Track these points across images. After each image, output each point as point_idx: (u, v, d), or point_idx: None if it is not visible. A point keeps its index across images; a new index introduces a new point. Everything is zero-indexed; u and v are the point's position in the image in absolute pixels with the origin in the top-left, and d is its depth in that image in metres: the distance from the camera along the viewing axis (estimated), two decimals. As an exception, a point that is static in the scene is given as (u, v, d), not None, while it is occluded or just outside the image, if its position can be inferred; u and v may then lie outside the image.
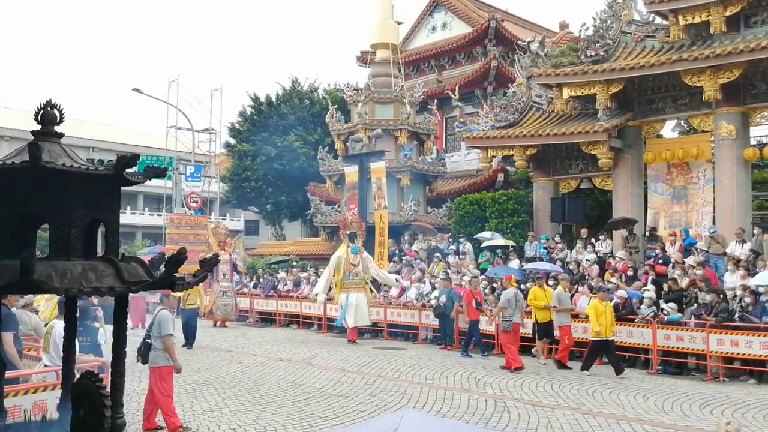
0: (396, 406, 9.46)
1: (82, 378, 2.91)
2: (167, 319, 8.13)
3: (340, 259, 17.01)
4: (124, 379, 3.08)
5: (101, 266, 2.94)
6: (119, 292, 2.90)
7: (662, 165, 18.43)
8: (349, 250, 17.09)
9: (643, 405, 9.57)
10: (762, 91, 16.48)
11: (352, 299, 16.55)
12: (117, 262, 3.00)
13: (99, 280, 2.86)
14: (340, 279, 16.90)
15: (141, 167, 3.50)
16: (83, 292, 2.79)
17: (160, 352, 7.99)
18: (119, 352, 3.11)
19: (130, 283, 2.96)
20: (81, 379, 2.92)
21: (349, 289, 16.73)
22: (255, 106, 36.00)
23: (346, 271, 16.87)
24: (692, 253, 15.43)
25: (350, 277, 16.88)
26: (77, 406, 2.95)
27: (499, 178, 25.65)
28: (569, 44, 21.99)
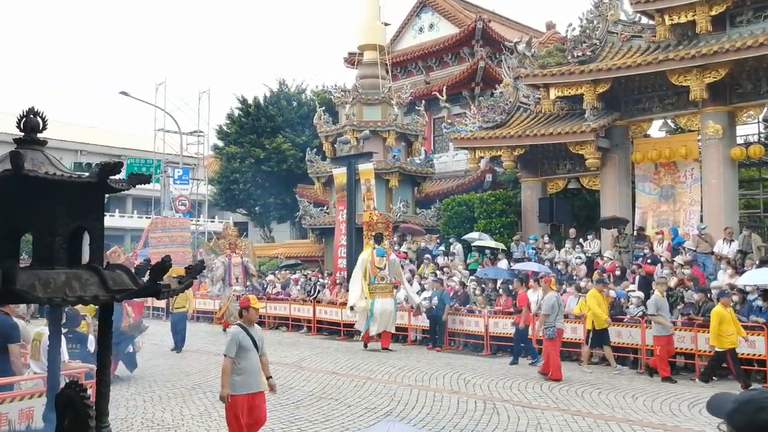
0: (386, 408, 9.45)
1: (66, 388, 2.87)
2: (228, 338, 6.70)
3: (366, 262, 16.09)
4: (110, 387, 3.04)
5: (85, 275, 2.90)
6: (104, 300, 2.87)
7: (650, 164, 18.52)
8: (374, 252, 16.13)
9: (632, 405, 9.60)
10: (748, 91, 16.59)
11: (378, 305, 15.62)
12: (101, 271, 2.96)
13: (83, 288, 2.82)
14: (366, 283, 15.98)
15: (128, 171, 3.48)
16: (67, 302, 2.76)
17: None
18: (104, 361, 3.07)
19: (114, 292, 2.92)
20: (65, 389, 2.88)
21: (375, 294, 15.77)
22: (243, 109, 35.92)
23: (372, 275, 15.94)
24: (680, 252, 15.51)
25: (376, 281, 15.95)
26: (62, 416, 2.91)
27: (487, 179, 25.69)
28: (556, 44, 22.05)
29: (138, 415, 9.10)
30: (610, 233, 18.01)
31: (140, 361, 12.32)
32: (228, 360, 6.46)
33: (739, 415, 1.96)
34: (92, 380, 6.85)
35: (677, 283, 13.74)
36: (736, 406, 1.99)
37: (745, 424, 1.94)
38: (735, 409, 1.98)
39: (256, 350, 6.59)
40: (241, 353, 6.47)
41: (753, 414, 1.92)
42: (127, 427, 8.31)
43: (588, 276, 15.74)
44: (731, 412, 1.99)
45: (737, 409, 1.97)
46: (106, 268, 3.02)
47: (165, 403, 9.83)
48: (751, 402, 1.96)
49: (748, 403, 1.96)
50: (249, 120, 35.08)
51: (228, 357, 6.46)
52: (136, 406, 9.68)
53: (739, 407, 1.98)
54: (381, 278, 15.96)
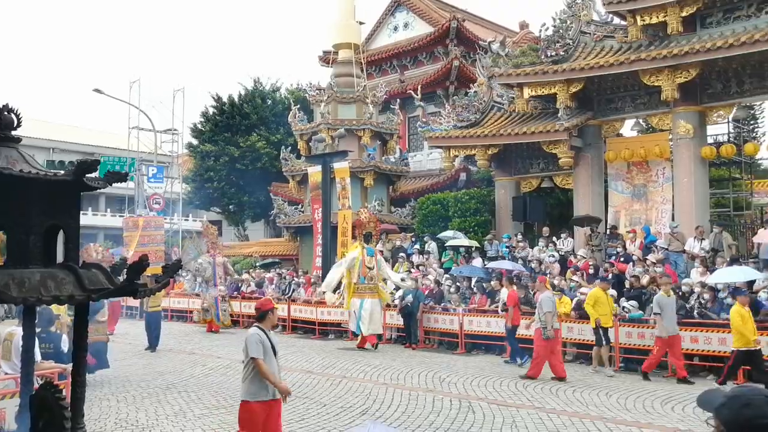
0: (361, 407, 9.44)
1: (41, 389, 2.83)
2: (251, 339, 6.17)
3: (356, 261, 15.78)
4: (85, 388, 3.00)
5: (61, 274, 2.86)
6: (79, 300, 2.83)
7: (622, 163, 18.75)
8: (365, 251, 15.86)
9: (606, 403, 9.72)
10: (718, 91, 16.88)
11: (367, 306, 15.49)
12: (77, 270, 2.92)
13: (58, 288, 2.78)
14: (354, 283, 15.77)
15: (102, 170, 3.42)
16: (42, 301, 2.71)
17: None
18: (80, 361, 3.03)
19: (90, 291, 2.88)
20: (40, 390, 2.83)
21: (363, 294, 15.65)
22: (217, 107, 35.64)
23: (362, 275, 15.68)
24: (652, 250, 15.73)
25: (365, 281, 15.74)
26: (36, 418, 2.87)
27: (462, 178, 25.81)
28: (530, 44, 22.23)
29: (111, 415, 8.97)
30: (583, 232, 18.21)
31: (114, 361, 12.16)
32: (261, 361, 5.99)
33: (726, 410, 2.01)
34: (66, 381, 6.75)
35: (649, 281, 13.92)
36: (724, 401, 2.03)
37: (731, 418, 1.98)
38: (723, 404, 2.02)
39: (274, 355, 6.22)
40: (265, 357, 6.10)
41: (739, 409, 1.97)
42: (101, 428, 8.20)
43: (561, 274, 15.91)
44: (719, 407, 2.03)
45: (725, 404, 2.02)
46: (82, 267, 2.98)
47: (139, 403, 9.71)
48: (738, 398, 2.00)
49: (736, 399, 2.00)
50: (223, 118, 34.82)
51: (259, 359, 5.98)
52: (110, 406, 9.55)
53: (726, 402, 2.02)
54: (370, 278, 15.74)
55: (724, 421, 2.01)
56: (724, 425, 2.01)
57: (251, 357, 6.00)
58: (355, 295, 15.72)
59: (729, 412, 2.00)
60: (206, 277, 20.00)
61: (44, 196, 2.85)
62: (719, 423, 2.03)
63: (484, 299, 15.72)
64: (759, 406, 1.95)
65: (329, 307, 18.25)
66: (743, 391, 2.04)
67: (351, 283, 15.82)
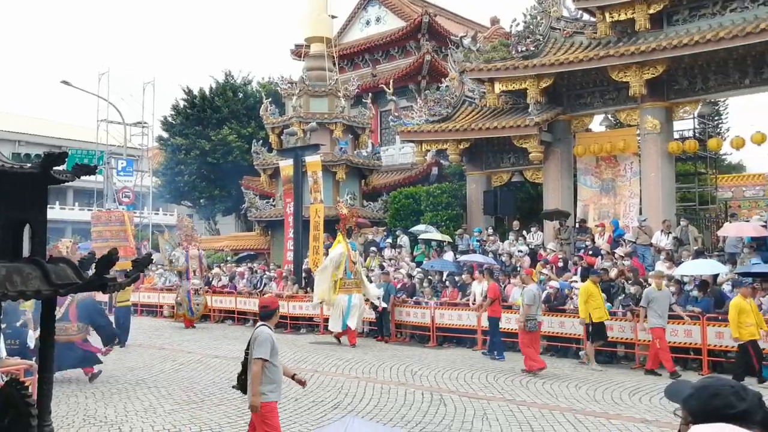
0: (333, 401, 9.45)
1: (6, 386, 2.78)
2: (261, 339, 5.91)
3: (342, 256, 15.43)
4: (52, 385, 2.96)
5: (27, 268, 2.81)
6: (46, 295, 2.78)
7: (591, 158, 19.00)
8: (349, 246, 15.62)
9: (575, 394, 9.86)
10: (684, 87, 17.18)
11: (356, 300, 15.22)
12: (44, 264, 2.87)
13: (24, 283, 2.73)
14: (341, 278, 15.40)
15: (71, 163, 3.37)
16: (8, 296, 2.66)
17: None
18: (47, 357, 2.98)
19: (57, 286, 2.84)
20: (5, 387, 2.79)
21: (350, 290, 15.34)
22: (188, 100, 35.25)
23: (348, 270, 15.40)
24: (620, 244, 15.98)
25: (351, 276, 15.46)
26: (1, 415, 2.82)
27: (434, 172, 25.92)
28: (500, 39, 22.36)
29: (79, 411, 8.85)
30: (552, 225, 18.43)
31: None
32: (261, 363, 5.77)
33: (694, 400, 2.03)
34: (32, 377, 6.65)
35: (617, 274, 14.14)
36: (692, 392, 2.05)
37: (698, 408, 2.00)
38: (691, 395, 2.04)
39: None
40: (274, 357, 5.90)
41: (707, 399, 1.99)
42: (68, 425, 8.07)
43: (532, 267, 16.07)
44: (687, 398, 2.05)
45: (693, 395, 2.04)
46: (49, 262, 2.94)
47: (108, 399, 9.59)
48: (706, 388, 2.03)
49: (704, 390, 2.03)
50: (194, 111, 34.46)
51: (263, 360, 5.76)
52: (78, 402, 9.41)
53: (694, 393, 2.04)
54: (355, 273, 15.48)
55: (692, 412, 2.03)
56: (692, 415, 2.02)
57: (258, 357, 5.76)
58: (342, 290, 15.34)
59: (697, 403, 2.02)
60: (179, 269, 19.64)
61: (9, 189, 2.80)
62: (687, 413, 2.05)
63: (455, 293, 15.82)
64: (726, 396, 1.98)
65: (301, 301, 18.25)
66: (711, 382, 2.07)
67: (339, 280, 15.39)
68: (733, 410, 1.95)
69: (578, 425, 8.13)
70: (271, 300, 6.49)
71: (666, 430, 7.57)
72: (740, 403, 1.96)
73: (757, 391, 2.04)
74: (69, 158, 13.49)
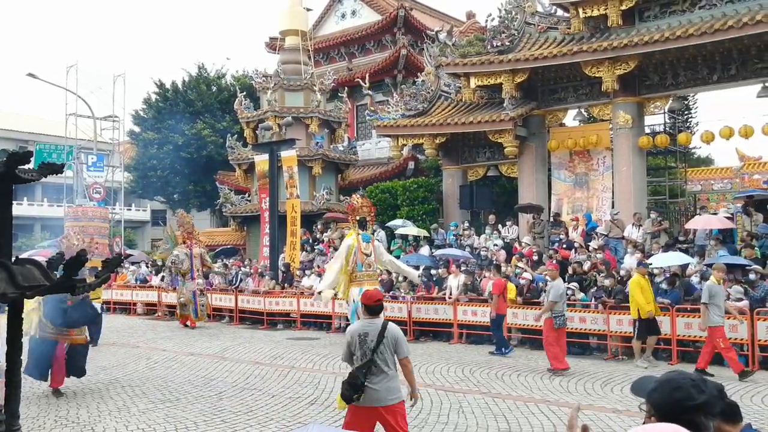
0: (310, 397, 9.44)
1: (-27, 390, 2.73)
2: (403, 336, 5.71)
3: (351, 248, 14.72)
4: (20, 389, 2.91)
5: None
6: (13, 297, 2.74)
7: (565, 152, 19.19)
8: (360, 238, 14.84)
9: (549, 386, 9.97)
10: (655, 83, 17.41)
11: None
12: (10, 266, 2.82)
13: (-10, 285, 2.68)
14: (351, 271, 14.66)
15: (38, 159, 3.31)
16: (-28, 300, 2.62)
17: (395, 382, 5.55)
18: (14, 360, 2.94)
19: (24, 288, 2.80)
20: (-28, 392, 2.74)
21: (362, 282, 14.45)
22: (160, 93, 34.82)
23: (359, 262, 14.60)
24: (593, 237, 16.17)
25: (363, 269, 14.63)
26: (-32, 420, 2.77)
27: (410, 166, 25.97)
28: (476, 34, 22.44)
29: (51, 412, 8.72)
30: (526, 219, 18.59)
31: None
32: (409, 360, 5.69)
33: (657, 394, 2.11)
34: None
35: (590, 267, 14.32)
36: (655, 386, 2.14)
37: (661, 401, 2.08)
38: (654, 389, 2.13)
39: None
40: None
41: (669, 392, 2.08)
42: (39, 426, 7.95)
43: (507, 261, 16.19)
44: (651, 392, 2.13)
45: (656, 389, 2.12)
46: (15, 263, 2.89)
47: (80, 400, 9.47)
48: (669, 382, 2.11)
49: (666, 383, 2.11)
50: (167, 105, 34.06)
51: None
52: (49, 403, 9.27)
53: (657, 387, 2.12)
54: (368, 265, 14.75)
55: (655, 405, 2.11)
56: (655, 408, 2.10)
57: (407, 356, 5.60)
58: (354, 283, 14.62)
59: (659, 396, 2.10)
60: (183, 270, 18.53)
61: (-27, 190, 2.75)
62: (651, 407, 2.13)
63: (432, 287, 15.88)
64: (687, 389, 2.06)
65: (277, 297, 18.19)
66: (673, 376, 2.14)
67: (349, 273, 14.67)
68: (692, 402, 2.04)
69: (551, 416, 8.23)
70: (375, 292, 6.08)
71: (636, 419, 7.69)
72: (700, 395, 2.05)
73: (718, 383, 2.12)
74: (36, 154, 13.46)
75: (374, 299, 5.71)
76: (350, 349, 5.59)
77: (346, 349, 5.65)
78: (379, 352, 5.43)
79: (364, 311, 5.79)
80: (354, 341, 5.53)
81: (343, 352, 5.73)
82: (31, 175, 2.99)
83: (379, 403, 5.40)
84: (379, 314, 5.69)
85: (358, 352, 5.50)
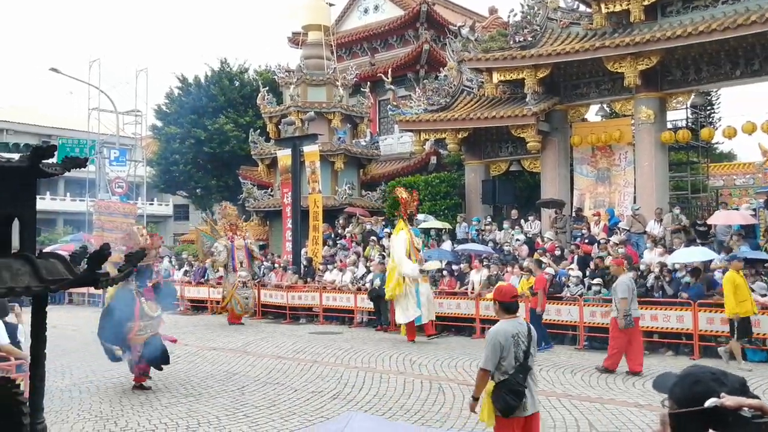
0: (332, 391, 9.48)
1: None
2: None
3: (407, 242, 14.12)
4: (44, 383, 2.95)
5: (16, 264, 2.79)
6: (36, 291, 2.77)
7: (587, 148, 19.03)
8: (411, 232, 14.41)
9: (571, 380, 9.92)
10: (677, 78, 17.21)
11: (423, 290, 13.90)
12: (34, 260, 2.86)
13: (14, 279, 2.71)
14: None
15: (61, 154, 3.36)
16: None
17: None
18: (38, 354, 2.97)
19: (48, 282, 2.83)
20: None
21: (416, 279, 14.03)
22: (183, 88, 34.99)
23: (415, 258, 14.08)
24: (615, 232, 16.04)
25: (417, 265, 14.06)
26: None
27: (432, 161, 25.89)
28: (498, 29, 22.28)
29: (74, 406, 8.82)
30: (548, 214, 18.48)
31: (75, 351, 11.99)
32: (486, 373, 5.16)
33: (677, 388, 2.10)
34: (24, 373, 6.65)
35: (612, 261, 14.16)
36: (676, 381, 2.12)
37: (682, 396, 2.07)
38: (675, 384, 2.11)
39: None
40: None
41: (689, 387, 2.06)
42: (63, 420, 8.07)
43: (530, 256, 16.09)
44: (672, 387, 2.13)
45: (676, 384, 2.11)
46: (39, 257, 2.92)
47: (103, 394, 9.59)
48: (688, 376, 2.10)
49: (686, 378, 2.10)
50: (189, 99, 34.22)
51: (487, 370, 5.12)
52: (72, 397, 9.39)
53: (678, 382, 2.11)
54: (420, 261, 14.17)
55: (676, 400, 2.09)
56: (677, 403, 2.09)
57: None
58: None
59: (680, 391, 2.08)
60: (219, 263, 18.04)
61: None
62: (672, 402, 2.11)
63: (453, 282, 15.85)
64: (707, 383, 2.04)
65: (299, 291, 18.27)
66: (693, 371, 2.13)
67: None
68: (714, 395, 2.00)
69: (573, 410, 8.19)
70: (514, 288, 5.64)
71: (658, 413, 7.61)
72: (721, 388, 2.02)
73: (740, 376, 2.09)
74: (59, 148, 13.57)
75: (510, 295, 5.29)
76: (500, 353, 5.00)
77: (491, 353, 5.02)
78: (531, 354, 5.08)
79: (501, 309, 5.26)
80: (507, 344, 4.99)
81: (485, 357, 5.05)
82: (54, 170, 3.02)
83: (534, 408, 5.08)
84: (517, 312, 5.29)
85: (509, 356, 4.99)
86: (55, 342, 13.15)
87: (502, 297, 5.25)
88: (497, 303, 5.31)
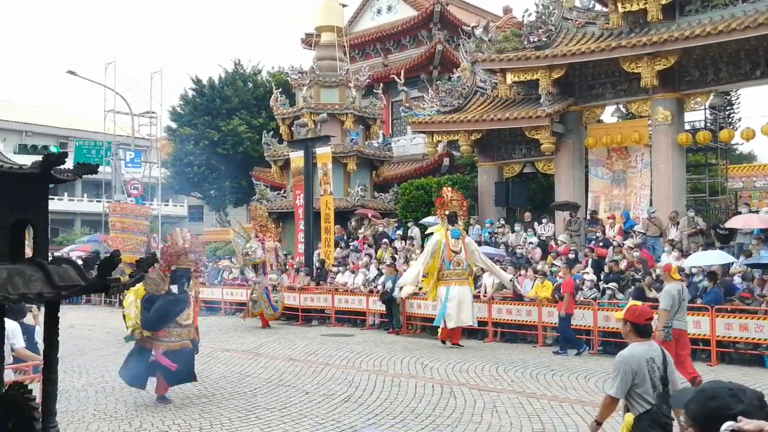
0: (344, 395, 9.45)
1: (10, 389, 2.78)
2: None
3: (439, 244, 13.83)
4: (56, 387, 2.95)
5: (29, 270, 2.79)
6: (49, 297, 2.77)
7: (602, 149, 18.87)
8: (448, 233, 13.97)
9: (585, 386, 9.82)
10: (695, 78, 17.01)
11: (454, 293, 13.47)
12: (46, 266, 2.86)
13: (26, 285, 2.71)
14: (438, 269, 13.85)
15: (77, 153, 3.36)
16: (9, 299, 2.65)
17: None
18: (52, 359, 2.97)
19: (60, 288, 2.82)
20: (9, 390, 2.78)
21: (450, 281, 13.67)
22: (197, 89, 35.18)
23: (447, 259, 13.72)
24: (630, 235, 15.89)
25: (451, 267, 13.73)
26: (6, 418, 2.82)
27: (445, 163, 25.82)
28: (513, 29, 22.17)
29: (90, 406, 8.89)
30: (563, 217, 18.35)
31: (92, 350, 12.06)
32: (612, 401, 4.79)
33: (693, 404, 2.10)
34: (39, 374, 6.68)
35: (627, 265, 14.05)
36: (692, 396, 2.13)
37: (698, 411, 2.07)
38: (691, 399, 2.12)
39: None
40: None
41: (704, 402, 2.06)
42: (79, 419, 8.11)
43: (543, 259, 16.00)
44: (687, 402, 2.13)
45: (692, 399, 2.12)
46: (51, 263, 2.92)
47: (118, 394, 9.62)
48: (704, 392, 2.11)
49: (702, 393, 2.11)
50: (203, 101, 34.42)
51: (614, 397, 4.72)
52: (88, 397, 9.45)
53: (694, 397, 2.12)
54: (457, 263, 13.77)
55: (692, 415, 2.10)
56: (692, 419, 2.09)
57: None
58: (442, 282, 13.81)
59: (696, 406, 2.09)
60: (256, 262, 17.61)
61: (10, 190, 2.79)
62: (688, 418, 2.12)
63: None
64: (723, 398, 2.05)
65: (311, 293, 18.28)
66: (709, 386, 2.14)
67: (436, 271, 13.88)
68: (729, 412, 2.00)
69: (587, 417, 8.08)
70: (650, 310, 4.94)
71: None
72: (738, 404, 2.01)
73: (758, 392, 2.08)
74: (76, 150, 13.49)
75: (645, 317, 4.77)
76: (633, 379, 4.53)
77: (621, 381, 4.56)
78: (670, 381, 4.50)
79: (633, 332, 4.78)
80: (642, 369, 4.51)
81: (615, 384, 4.63)
82: (66, 176, 3.02)
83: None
84: (651, 335, 4.83)
85: (645, 383, 4.49)
86: (71, 342, 13.28)
87: (637, 319, 4.73)
88: (629, 324, 4.78)
